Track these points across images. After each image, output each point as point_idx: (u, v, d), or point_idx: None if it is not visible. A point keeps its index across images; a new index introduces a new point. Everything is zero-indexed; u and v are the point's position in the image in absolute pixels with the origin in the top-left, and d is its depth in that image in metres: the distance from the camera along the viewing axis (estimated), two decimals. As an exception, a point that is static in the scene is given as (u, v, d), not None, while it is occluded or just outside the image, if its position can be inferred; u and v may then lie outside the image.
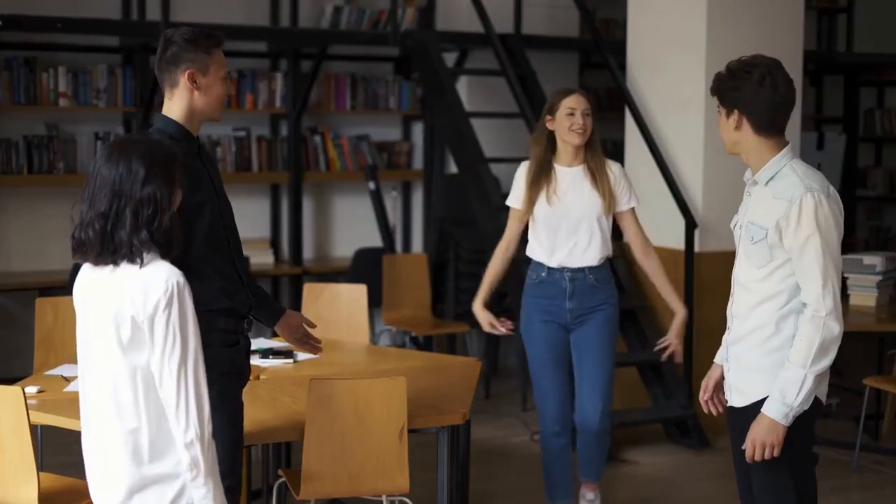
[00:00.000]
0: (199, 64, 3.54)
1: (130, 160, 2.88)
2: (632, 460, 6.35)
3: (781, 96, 3.37)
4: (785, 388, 3.30)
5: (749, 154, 3.47)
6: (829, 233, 3.30)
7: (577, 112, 4.93)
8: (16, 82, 7.53)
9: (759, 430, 3.34)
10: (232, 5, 8.25)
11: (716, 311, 6.72)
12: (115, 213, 2.87)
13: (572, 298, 5.06)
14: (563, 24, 8.75)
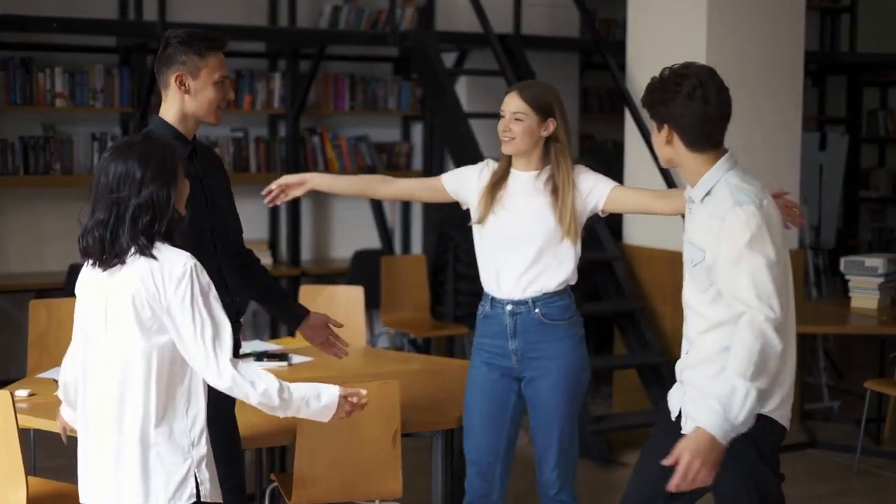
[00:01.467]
0: (189, 67, 3.50)
1: (127, 165, 2.92)
2: (630, 464, 6.29)
3: (714, 109, 3.12)
4: (727, 401, 2.91)
5: (684, 170, 3.22)
6: (763, 246, 3.00)
7: (505, 114, 3.98)
8: (12, 83, 7.50)
9: (696, 448, 2.89)
10: (230, 5, 8.21)
11: (716, 313, 6.72)
12: (115, 220, 2.92)
13: (515, 337, 4.01)
14: (563, 24, 8.70)
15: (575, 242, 4.00)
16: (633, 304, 6.91)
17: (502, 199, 4.01)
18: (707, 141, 3.14)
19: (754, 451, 3.15)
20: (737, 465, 3.14)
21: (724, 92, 3.15)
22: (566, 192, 3.95)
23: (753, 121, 6.83)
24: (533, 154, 3.99)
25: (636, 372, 6.91)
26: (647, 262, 7.01)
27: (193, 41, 3.51)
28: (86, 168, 7.73)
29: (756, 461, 3.16)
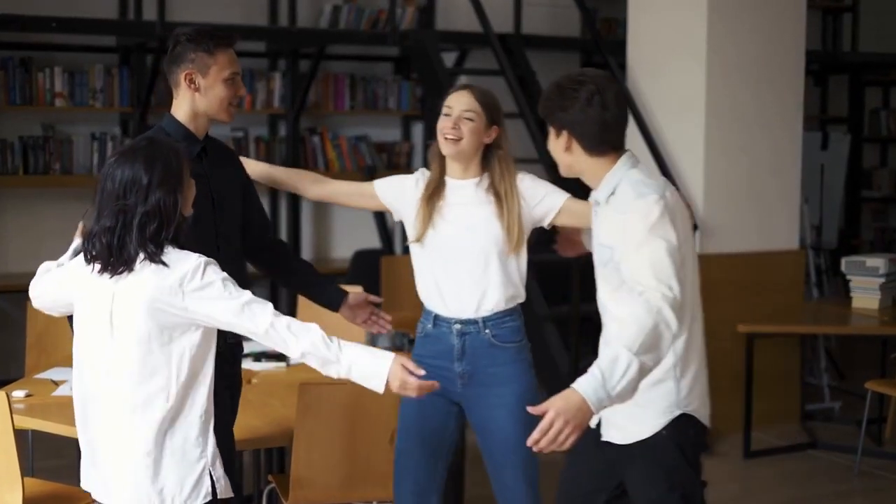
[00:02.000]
0: (198, 64, 3.46)
1: (133, 170, 2.90)
2: (631, 465, 6.28)
3: (612, 114, 3.07)
4: (608, 369, 2.79)
5: (585, 175, 3.17)
6: (664, 231, 2.96)
7: (452, 112, 3.64)
8: (11, 82, 7.49)
9: (564, 407, 2.75)
10: (230, 5, 8.20)
11: (716, 313, 6.63)
12: (122, 228, 2.90)
13: (462, 359, 3.71)
14: (563, 23, 8.69)
15: (521, 255, 3.72)
16: (633, 304, 6.88)
17: (441, 211, 3.73)
18: (606, 145, 3.11)
19: (677, 452, 3.11)
20: (659, 467, 3.12)
21: (622, 97, 3.13)
22: (511, 200, 3.65)
23: (754, 120, 6.81)
24: (473, 160, 3.69)
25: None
26: (648, 262, 6.98)
27: (202, 38, 3.47)
28: (85, 168, 7.72)
29: (679, 462, 3.11)
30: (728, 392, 6.69)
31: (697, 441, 3.15)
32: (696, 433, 3.13)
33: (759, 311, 6.71)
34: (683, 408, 3.09)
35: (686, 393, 3.11)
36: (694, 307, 3.15)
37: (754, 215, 6.85)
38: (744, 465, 6.32)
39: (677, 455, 3.10)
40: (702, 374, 3.16)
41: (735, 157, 6.76)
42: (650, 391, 3.07)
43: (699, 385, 3.15)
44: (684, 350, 3.10)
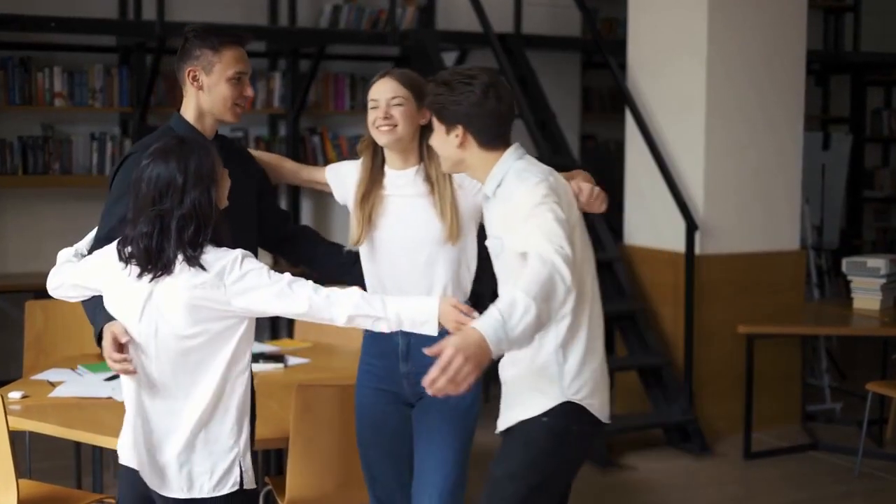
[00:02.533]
0: (202, 62, 3.38)
1: (168, 172, 2.92)
2: (630, 466, 6.26)
3: (506, 106, 3.09)
4: (507, 311, 2.71)
5: (476, 170, 3.14)
6: (551, 205, 2.94)
7: (379, 103, 3.45)
8: (11, 82, 7.47)
9: (463, 343, 2.68)
10: (230, 5, 8.18)
11: (717, 314, 6.69)
12: (160, 232, 2.92)
13: (408, 360, 3.52)
14: (564, 23, 8.67)
15: (468, 247, 3.51)
16: (633, 305, 6.87)
17: (383, 204, 3.54)
18: (500, 139, 3.12)
19: (550, 440, 3.08)
20: (523, 447, 3.10)
21: (509, 91, 3.14)
22: (443, 187, 3.45)
23: (755, 120, 6.79)
24: (411, 148, 3.49)
25: (637, 374, 6.86)
26: (649, 263, 6.97)
27: (209, 35, 3.40)
28: (85, 168, 7.71)
29: (548, 450, 3.08)
30: (728, 393, 6.68)
31: (582, 432, 3.11)
32: (580, 424, 3.10)
33: (759, 312, 6.69)
34: (569, 396, 3.06)
35: (570, 380, 3.07)
36: (587, 298, 3.10)
37: (755, 215, 6.83)
38: (744, 466, 6.30)
39: (549, 443, 3.08)
40: (594, 365, 3.12)
41: (736, 157, 6.74)
42: (534, 376, 3.08)
43: (588, 374, 3.10)
44: (568, 334, 3.07)
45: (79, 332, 5.59)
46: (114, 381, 4.57)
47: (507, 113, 3.11)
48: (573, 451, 3.14)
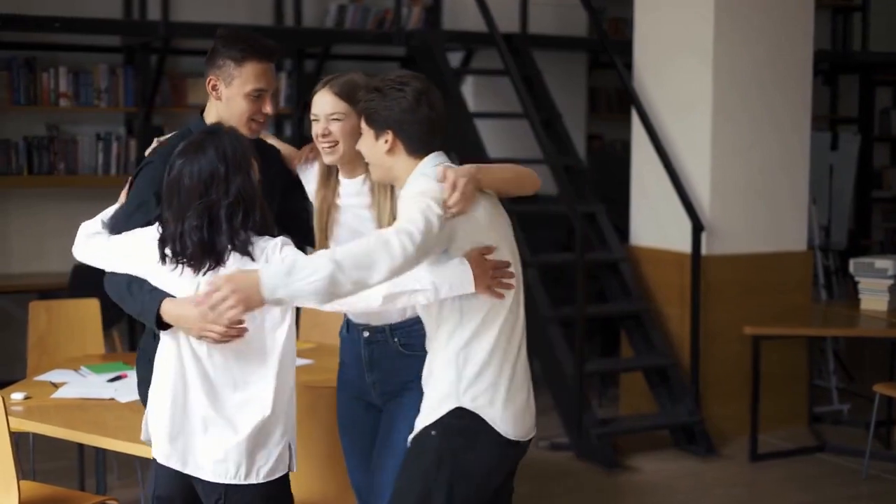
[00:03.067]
0: (224, 73, 3.28)
1: (208, 163, 2.95)
2: (635, 467, 6.23)
3: (437, 114, 3.01)
4: (301, 266, 2.75)
5: (401, 179, 3.05)
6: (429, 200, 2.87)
7: (319, 118, 3.29)
8: (16, 82, 7.47)
9: (236, 280, 2.76)
10: (235, 4, 8.18)
11: (723, 315, 6.65)
12: (209, 223, 2.94)
13: (372, 370, 3.39)
14: (570, 23, 8.63)
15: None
16: (639, 305, 6.84)
17: (338, 212, 3.42)
18: (429, 147, 3.03)
19: (448, 459, 2.97)
20: (416, 461, 3.02)
21: (441, 99, 3.05)
22: (381, 194, 3.32)
23: (761, 121, 6.76)
24: (359, 157, 3.24)
25: (642, 374, 6.83)
26: (654, 263, 6.94)
27: (235, 44, 3.28)
28: (90, 168, 7.70)
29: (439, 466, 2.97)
30: (734, 394, 6.65)
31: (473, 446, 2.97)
32: (472, 436, 2.97)
33: (766, 313, 6.66)
34: (463, 402, 2.97)
35: (467, 386, 2.98)
36: (503, 308, 3.00)
37: (761, 216, 6.80)
38: (750, 468, 6.27)
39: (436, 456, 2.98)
40: (500, 377, 2.99)
41: (742, 157, 6.71)
42: (435, 380, 3.03)
43: (487, 383, 2.97)
44: (471, 339, 2.98)
45: (82, 333, 5.59)
46: (117, 383, 4.56)
47: (437, 121, 3.01)
48: (466, 465, 2.98)
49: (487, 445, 2.98)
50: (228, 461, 3.02)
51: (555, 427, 6.69)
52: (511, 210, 6.81)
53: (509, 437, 3.00)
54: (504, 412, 2.98)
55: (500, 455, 3.01)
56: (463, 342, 3.00)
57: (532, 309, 6.62)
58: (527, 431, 3.06)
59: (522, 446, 3.07)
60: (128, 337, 7.44)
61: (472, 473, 2.99)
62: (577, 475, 6.09)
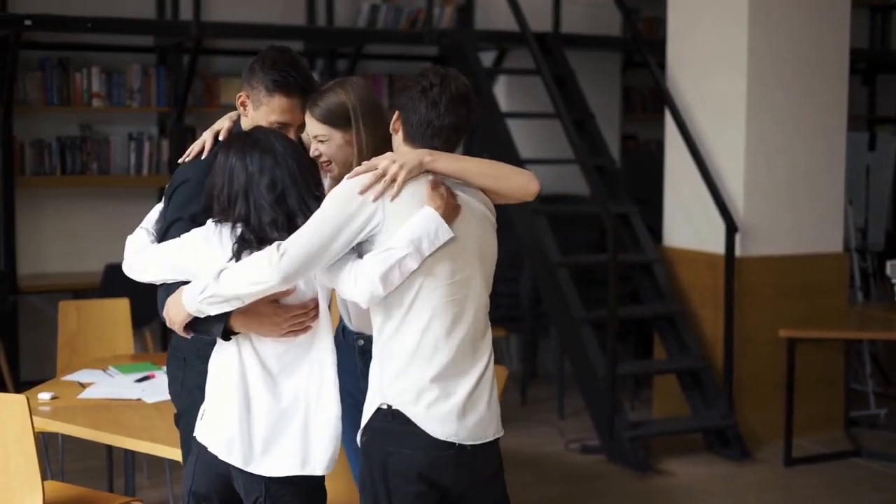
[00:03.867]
0: (254, 95, 3.24)
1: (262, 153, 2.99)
2: (668, 471, 6.16)
3: (438, 115, 2.94)
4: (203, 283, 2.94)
5: None
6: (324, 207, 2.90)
7: (310, 138, 3.25)
8: (49, 83, 7.49)
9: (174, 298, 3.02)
10: (268, 4, 8.16)
11: (758, 317, 6.58)
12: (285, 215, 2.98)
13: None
14: (604, 22, 8.57)
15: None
16: (672, 307, 6.77)
17: None
18: (423, 142, 2.99)
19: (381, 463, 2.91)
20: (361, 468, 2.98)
21: (460, 106, 2.96)
22: None
23: (796, 120, 6.67)
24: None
25: (675, 377, 6.76)
26: (688, 264, 6.87)
27: (271, 71, 3.20)
28: (122, 168, 7.71)
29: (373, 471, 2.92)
30: (769, 397, 6.57)
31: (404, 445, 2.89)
32: (398, 436, 2.90)
33: (801, 316, 6.58)
34: (387, 398, 2.91)
35: (390, 382, 2.92)
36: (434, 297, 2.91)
37: (796, 217, 6.71)
38: (784, 473, 6.19)
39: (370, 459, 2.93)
40: (430, 371, 2.89)
41: (777, 157, 6.63)
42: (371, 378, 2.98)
43: (412, 381, 2.90)
44: (395, 333, 2.91)
45: (112, 333, 5.59)
46: (144, 383, 4.56)
47: (436, 122, 2.95)
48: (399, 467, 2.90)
49: (416, 445, 2.89)
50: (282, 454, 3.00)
51: (587, 429, 6.64)
52: (543, 210, 6.79)
53: (437, 437, 2.89)
54: (429, 410, 2.89)
55: (435, 457, 2.90)
56: (386, 337, 2.93)
57: (564, 310, 6.57)
58: (469, 434, 2.93)
59: (469, 450, 2.93)
60: (160, 336, 7.45)
61: (408, 476, 2.90)
62: (607, 478, 6.04)
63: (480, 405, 2.95)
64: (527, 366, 7.67)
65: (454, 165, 2.97)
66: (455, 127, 2.98)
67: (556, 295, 6.62)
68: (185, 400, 3.32)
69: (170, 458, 3.86)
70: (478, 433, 2.94)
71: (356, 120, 3.17)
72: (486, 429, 2.96)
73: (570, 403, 7.25)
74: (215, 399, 3.07)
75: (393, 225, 2.88)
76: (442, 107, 2.94)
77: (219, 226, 3.01)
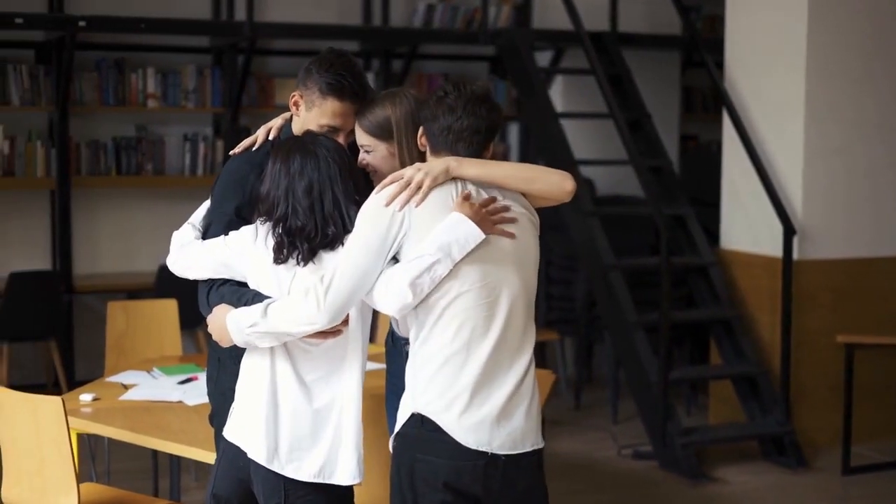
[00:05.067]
0: (308, 95, 3.22)
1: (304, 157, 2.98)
2: (722, 479, 6.04)
3: (456, 120, 2.91)
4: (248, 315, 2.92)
5: None
6: (358, 231, 2.88)
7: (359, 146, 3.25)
8: (105, 83, 7.53)
9: (219, 318, 3.00)
10: (324, 5, 8.14)
11: (816, 322, 6.43)
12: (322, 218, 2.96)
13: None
14: (663, 21, 8.44)
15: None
16: (729, 311, 6.63)
17: None
18: (447, 149, 2.95)
19: (409, 470, 2.85)
20: (391, 473, 2.93)
21: (478, 106, 2.90)
22: None
23: (857, 119, 6.52)
24: None
25: (731, 382, 6.63)
26: (746, 268, 6.73)
27: (328, 72, 3.19)
28: (177, 169, 7.74)
29: (401, 477, 2.87)
30: (827, 404, 6.43)
31: (432, 453, 2.83)
32: (427, 444, 2.84)
33: (861, 321, 6.43)
34: (419, 407, 2.85)
35: (422, 389, 2.86)
36: (459, 308, 2.84)
37: (857, 219, 6.55)
38: (843, 481, 6.04)
39: (401, 475, 2.87)
40: (462, 378, 2.83)
41: (836, 157, 6.47)
42: (406, 381, 2.93)
43: (440, 388, 2.83)
44: (425, 343, 2.86)
45: (159, 334, 5.60)
46: (186, 385, 4.54)
47: (456, 128, 2.92)
48: (427, 475, 2.84)
49: (444, 453, 2.83)
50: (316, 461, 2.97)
51: (640, 435, 6.53)
52: (597, 212, 6.68)
53: (469, 445, 2.82)
54: (460, 418, 2.83)
55: (463, 465, 2.83)
56: (419, 343, 2.89)
57: (617, 314, 6.47)
58: (502, 444, 2.85)
59: (503, 460, 2.85)
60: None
61: (435, 484, 2.83)
62: (659, 485, 5.93)
63: (517, 414, 2.88)
64: (581, 370, 7.56)
65: (481, 170, 2.92)
66: (476, 129, 2.92)
67: (610, 298, 6.52)
68: (217, 399, 3.35)
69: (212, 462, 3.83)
70: (512, 443, 2.87)
71: (399, 134, 3.16)
72: (522, 439, 2.89)
73: (625, 408, 7.14)
74: (244, 397, 3.06)
75: (419, 232, 2.84)
76: (459, 110, 2.91)
77: (265, 225, 3.00)
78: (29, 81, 7.34)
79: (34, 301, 6.85)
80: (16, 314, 6.86)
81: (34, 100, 7.37)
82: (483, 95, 2.94)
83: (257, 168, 3.17)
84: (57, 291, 7.06)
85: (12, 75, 7.30)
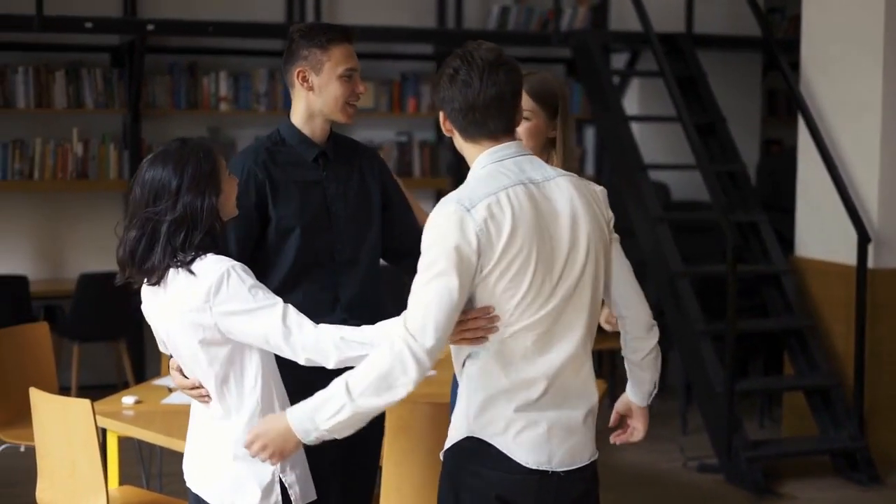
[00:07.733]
0: (311, 61, 3.25)
1: (162, 175, 2.79)
2: (790, 495, 5.83)
3: (476, 91, 2.62)
4: (322, 403, 2.62)
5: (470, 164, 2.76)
6: (433, 252, 2.58)
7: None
8: (178, 87, 7.59)
9: (265, 430, 2.71)
10: (398, 6, 8.11)
11: (891, 333, 6.18)
12: (148, 237, 2.80)
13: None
14: (744, 22, 8.22)
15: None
16: (802, 321, 6.42)
17: None
18: (477, 129, 2.68)
19: (458, 487, 2.71)
20: (439, 489, 2.78)
21: (495, 73, 2.63)
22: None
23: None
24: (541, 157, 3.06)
25: (803, 394, 6.41)
26: (820, 276, 6.50)
27: (315, 34, 3.27)
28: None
29: (448, 494, 2.73)
30: (902, 419, 6.19)
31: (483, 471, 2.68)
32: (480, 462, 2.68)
33: (939, 333, 6.17)
34: (473, 431, 2.68)
35: (476, 414, 2.67)
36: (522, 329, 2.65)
37: (936, 227, 6.30)
38: (918, 500, 5.81)
39: (448, 482, 2.74)
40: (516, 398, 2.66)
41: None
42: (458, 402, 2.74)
43: (498, 411, 2.66)
44: (479, 371, 2.66)
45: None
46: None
47: (478, 100, 2.64)
48: (477, 493, 2.70)
49: (499, 467, 2.68)
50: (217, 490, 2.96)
51: (708, 447, 6.35)
52: (665, 218, 6.53)
53: (529, 465, 2.68)
54: (517, 438, 2.67)
55: (518, 480, 2.68)
56: (471, 375, 2.70)
57: (684, 322, 6.30)
58: (561, 461, 2.70)
59: (560, 476, 2.70)
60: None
61: (487, 497, 2.69)
62: (723, 499, 5.76)
63: (576, 430, 2.73)
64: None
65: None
66: (500, 97, 2.66)
67: (677, 306, 6.36)
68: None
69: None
70: (571, 459, 2.72)
71: (563, 109, 3.14)
72: (580, 454, 2.74)
73: (695, 418, 6.96)
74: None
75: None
76: (476, 83, 2.65)
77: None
78: (103, 84, 7.43)
79: (104, 302, 6.90)
80: (86, 315, 6.94)
81: (108, 103, 7.46)
82: (496, 60, 2.68)
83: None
84: (127, 292, 7.10)
85: (87, 78, 7.40)
